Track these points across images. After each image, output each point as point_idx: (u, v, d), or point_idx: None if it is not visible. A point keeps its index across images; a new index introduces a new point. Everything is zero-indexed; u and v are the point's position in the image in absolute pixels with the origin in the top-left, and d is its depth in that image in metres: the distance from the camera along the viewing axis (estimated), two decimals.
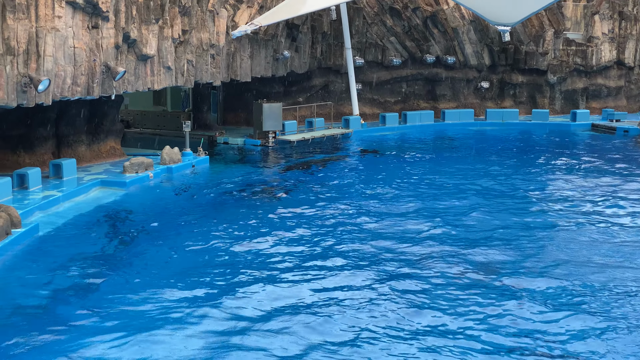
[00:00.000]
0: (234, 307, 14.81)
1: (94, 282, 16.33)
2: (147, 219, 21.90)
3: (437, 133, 39.15)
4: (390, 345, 12.97)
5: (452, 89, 43.08)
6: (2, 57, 21.28)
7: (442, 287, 15.89)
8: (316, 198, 24.34)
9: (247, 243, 19.17)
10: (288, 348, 12.89)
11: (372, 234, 20.09)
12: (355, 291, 15.68)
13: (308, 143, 34.94)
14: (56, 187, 23.77)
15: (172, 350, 12.77)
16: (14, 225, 18.78)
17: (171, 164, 28.07)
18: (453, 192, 25.16)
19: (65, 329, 13.74)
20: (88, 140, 28.18)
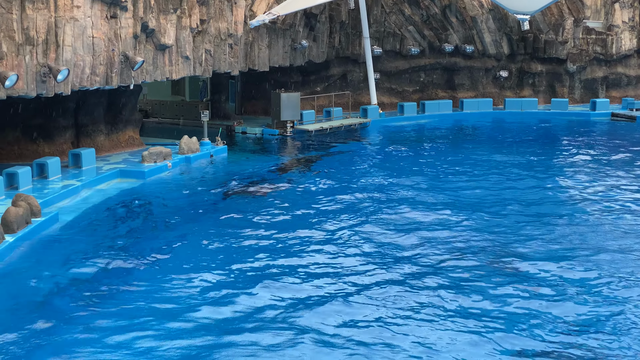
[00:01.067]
0: (268, 296, 14.84)
1: (111, 271, 16.43)
2: (165, 208, 21.98)
3: (455, 122, 38.98)
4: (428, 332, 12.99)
5: (470, 78, 42.86)
6: (22, 47, 21.40)
7: (480, 277, 15.85)
8: (335, 188, 24.33)
9: (268, 232, 19.20)
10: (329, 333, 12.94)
11: (397, 224, 20.06)
12: (391, 284, 15.69)
13: (326, 133, 34.91)
14: (75, 177, 23.91)
15: (192, 339, 12.83)
16: (33, 215, 18.91)
17: (189, 154, 28.15)
18: (475, 182, 25.07)
19: (82, 316, 13.83)
20: (107, 129, 28.30)
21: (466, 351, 12.32)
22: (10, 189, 21.52)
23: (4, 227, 17.44)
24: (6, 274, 15.99)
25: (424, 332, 13.10)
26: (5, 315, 13.78)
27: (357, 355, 12.22)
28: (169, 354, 12.25)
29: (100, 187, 23.75)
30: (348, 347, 12.53)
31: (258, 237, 18.77)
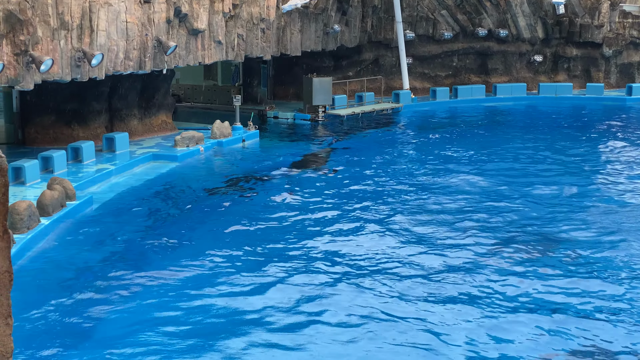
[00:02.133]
0: (302, 280, 14.92)
1: (145, 254, 16.59)
2: (197, 192, 22.12)
3: (488, 107, 38.66)
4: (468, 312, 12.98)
5: (504, 63, 42.47)
6: (57, 32, 21.59)
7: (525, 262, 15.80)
8: (366, 174, 24.31)
9: (299, 217, 19.26)
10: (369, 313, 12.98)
11: (431, 210, 20.02)
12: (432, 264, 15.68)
13: (358, 117, 34.85)
14: (109, 161, 24.13)
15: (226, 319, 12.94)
16: (68, 198, 19.13)
17: (221, 138, 28.26)
18: (508, 169, 24.91)
19: (117, 297, 14.00)
20: (140, 114, 28.50)
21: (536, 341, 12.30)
22: (46, 172, 21.78)
23: (40, 210, 17.67)
24: (41, 256, 16.21)
25: (477, 319, 13.08)
26: (38, 295, 13.99)
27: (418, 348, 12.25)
28: (197, 331, 12.39)
29: (134, 171, 23.95)
30: (405, 333, 12.56)
31: (288, 220, 18.83)
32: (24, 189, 20.13)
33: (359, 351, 11.86)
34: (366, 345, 12.06)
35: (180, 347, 12.01)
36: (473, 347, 11.96)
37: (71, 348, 12.08)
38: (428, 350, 11.88)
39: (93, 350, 11.99)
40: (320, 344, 12.14)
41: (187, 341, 12.23)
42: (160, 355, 11.75)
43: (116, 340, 12.26)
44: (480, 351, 11.85)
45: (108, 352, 11.86)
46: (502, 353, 11.77)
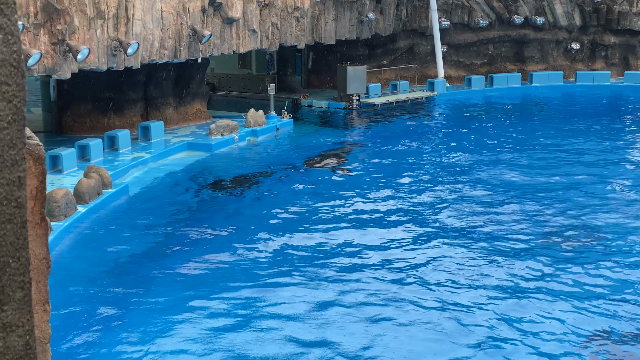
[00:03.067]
0: (339, 265, 14.94)
1: (182, 241, 16.71)
2: (232, 181, 22.19)
3: (524, 96, 38.26)
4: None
5: (540, 51, 42.00)
6: (93, 21, 21.76)
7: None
8: (400, 163, 24.23)
9: (332, 205, 19.26)
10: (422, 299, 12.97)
11: (470, 200, 19.92)
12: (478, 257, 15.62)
13: (392, 106, 34.71)
14: (145, 149, 24.31)
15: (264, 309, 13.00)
16: (105, 186, 19.31)
17: (256, 127, 28.32)
18: (546, 158, 24.66)
19: (151, 286, 14.13)
20: (175, 102, 28.66)
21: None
22: (83, 160, 22.01)
23: (77, 198, 17.87)
24: (78, 244, 16.39)
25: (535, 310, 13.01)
26: (75, 282, 14.16)
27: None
28: (233, 316, 12.47)
29: (169, 160, 24.11)
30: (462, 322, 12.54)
31: (324, 209, 18.84)
32: (61, 177, 20.36)
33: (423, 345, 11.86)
34: (421, 335, 12.05)
35: (212, 339, 12.10)
36: (522, 334, 11.90)
37: (105, 335, 12.22)
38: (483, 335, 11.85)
39: (125, 337, 12.11)
40: (390, 338, 12.15)
41: (220, 332, 12.31)
42: (196, 345, 11.84)
43: (147, 328, 12.37)
44: (531, 335, 11.79)
45: (137, 338, 11.97)
46: (551, 338, 11.71)
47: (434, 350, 11.56)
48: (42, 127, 26.81)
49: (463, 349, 11.56)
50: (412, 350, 11.59)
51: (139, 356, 11.42)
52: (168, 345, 11.74)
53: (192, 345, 11.77)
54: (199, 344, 11.79)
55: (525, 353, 11.45)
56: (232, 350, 11.57)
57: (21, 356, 1.93)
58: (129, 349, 11.68)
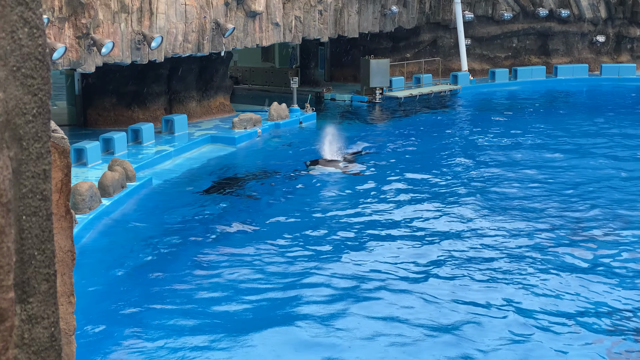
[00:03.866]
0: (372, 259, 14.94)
1: (204, 234, 16.77)
2: (255, 175, 22.22)
3: (548, 89, 37.94)
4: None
5: (565, 44, 41.63)
6: (117, 15, 21.86)
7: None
8: (424, 159, 24.14)
9: (360, 202, 19.25)
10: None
11: (494, 197, 19.82)
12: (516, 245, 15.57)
13: (415, 99, 34.58)
14: (168, 142, 24.41)
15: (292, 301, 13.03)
16: (128, 179, 19.41)
17: (279, 120, 28.34)
18: (571, 153, 24.48)
19: (175, 278, 14.20)
20: (198, 96, 28.74)
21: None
22: (107, 154, 22.14)
23: (101, 190, 17.98)
24: (102, 236, 16.49)
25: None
26: (99, 274, 14.26)
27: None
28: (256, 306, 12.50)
29: (192, 153, 24.19)
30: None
31: (347, 206, 18.83)
32: (86, 170, 20.50)
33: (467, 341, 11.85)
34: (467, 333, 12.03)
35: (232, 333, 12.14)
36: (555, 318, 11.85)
37: (128, 326, 12.29)
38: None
39: (145, 332, 12.16)
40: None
41: (242, 327, 12.35)
42: (215, 337, 11.89)
43: (167, 323, 12.42)
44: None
45: (156, 333, 12.01)
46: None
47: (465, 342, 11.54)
48: (66, 121, 27.00)
49: (490, 342, 11.53)
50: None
51: (158, 353, 11.44)
52: (187, 342, 11.71)
53: (214, 342, 11.81)
54: (220, 341, 11.84)
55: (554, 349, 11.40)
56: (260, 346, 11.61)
57: (46, 348, 1.94)
58: (148, 344, 11.73)
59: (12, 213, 1.84)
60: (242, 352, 11.38)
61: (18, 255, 1.86)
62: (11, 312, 1.84)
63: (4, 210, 1.81)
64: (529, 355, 11.19)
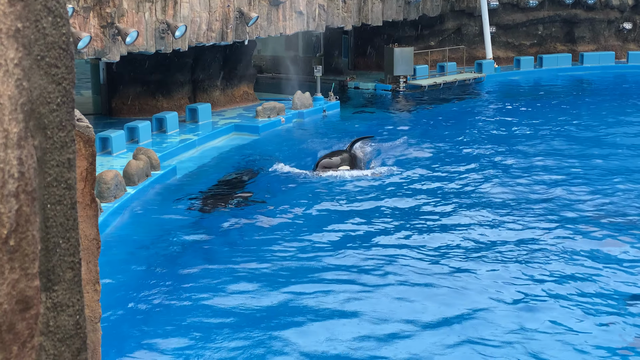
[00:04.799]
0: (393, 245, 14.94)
1: (230, 222, 16.83)
2: (279, 164, 22.22)
3: (574, 77, 37.57)
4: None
5: (591, 31, 41.20)
6: (141, 4, 21.93)
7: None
8: (449, 148, 24.04)
9: (383, 189, 19.23)
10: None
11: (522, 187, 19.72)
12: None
13: (439, 88, 34.42)
14: (192, 131, 24.49)
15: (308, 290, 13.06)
16: (153, 168, 19.52)
17: (302, 109, 28.33)
18: (598, 142, 24.27)
19: (198, 269, 14.27)
20: (222, 85, 28.79)
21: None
22: (131, 142, 22.26)
23: (126, 179, 18.09)
24: (127, 225, 16.60)
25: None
26: (123, 262, 14.37)
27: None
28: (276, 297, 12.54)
29: (216, 142, 24.26)
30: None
31: (374, 200, 18.81)
32: (111, 159, 20.63)
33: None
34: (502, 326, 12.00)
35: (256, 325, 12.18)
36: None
37: (151, 315, 12.37)
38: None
39: (172, 316, 12.24)
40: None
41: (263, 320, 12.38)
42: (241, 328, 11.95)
43: (191, 314, 12.48)
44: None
45: (180, 325, 12.06)
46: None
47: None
48: (91, 110, 27.17)
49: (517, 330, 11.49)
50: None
51: (178, 343, 11.44)
52: (209, 335, 11.72)
53: (239, 335, 11.87)
54: (244, 338, 11.88)
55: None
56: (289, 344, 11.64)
57: (71, 335, 1.96)
58: (169, 337, 11.77)
59: (37, 202, 1.85)
60: (268, 344, 11.43)
61: (43, 243, 1.88)
62: (36, 299, 1.86)
63: (29, 198, 1.82)
64: (553, 343, 11.15)
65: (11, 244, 1.77)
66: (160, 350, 11.26)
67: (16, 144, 1.78)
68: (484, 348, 11.07)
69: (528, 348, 11.01)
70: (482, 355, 10.86)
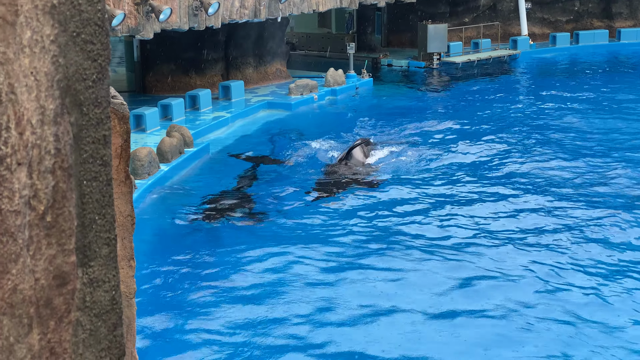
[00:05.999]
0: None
1: (262, 200, 16.87)
2: (313, 140, 22.19)
3: (611, 54, 36.97)
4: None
5: (629, 7, 40.48)
6: None
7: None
8: (483, 126, 23.86)
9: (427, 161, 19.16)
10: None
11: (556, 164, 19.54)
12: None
13: (473, 65, 34.10)
14: (225, 109, 24.54)
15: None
16: (186, 145, 19.60)
17: (335, 86, 28.25)
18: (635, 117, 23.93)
19: (230, 247, 14.34)
20: (255, 62, 28.78)
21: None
22: (165, 120, 22.37)
23: (159, 156, 18.19)
24: (161, 202, 16.70)
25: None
26: (157, 239, 14.49)
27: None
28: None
29: (249, 119, 24.30)
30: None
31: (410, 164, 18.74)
32: (145, 136, 20.76)
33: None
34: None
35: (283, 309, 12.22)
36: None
37: (181, 291, 12.45)
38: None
39: (202, 296, 12.31)
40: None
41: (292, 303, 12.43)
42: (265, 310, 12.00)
43: (220, 288, 12.56)
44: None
45: (207, 304, 12.10)
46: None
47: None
48: (126, 87, 27.32)
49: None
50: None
51: (195, 330, 11.42)
52: (239, 316, 11.67)
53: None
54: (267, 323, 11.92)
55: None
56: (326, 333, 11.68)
57: (107, 310, 1.97)
58: (200, 316, 11.86)
59: (73, 178, 1.86)
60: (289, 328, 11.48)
61: (79, 219, 1.89)
62: (73, 275, 1.87)
63: (66, 175, 1.83)
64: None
65: (48, 220, 1.78)
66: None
67: (52, 120, 1.79)
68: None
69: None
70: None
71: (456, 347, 10.51)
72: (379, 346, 10.52)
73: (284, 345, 10.67)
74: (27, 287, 1.73)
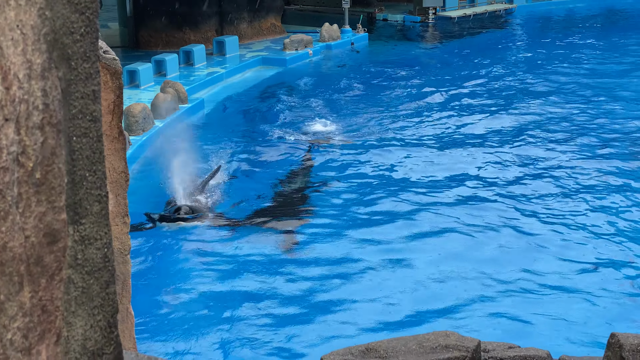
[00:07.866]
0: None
1: (255, 156, 16.84)
2: (307, 95, 22.12)
3: (609, 6, 36.65)
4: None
5: None
6: None
7: None
8: (479, 82, 23.76)
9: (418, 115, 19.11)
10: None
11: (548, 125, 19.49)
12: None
13: (469, 19, 33.84)
14: (219, 64, 24.37)
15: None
16: (181, 101, 19.50)
17: (330, 41, 28.05)
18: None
19: (223, 206, 14.35)
20: (249, 17, 28.52)
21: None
22: (159, 75, 22.20)
23: (154, 112, 18.10)
24: (155, 158, 16.63)
25: None
26: (151, 196, 14.47)
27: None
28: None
29: (244, 75, 24.14)
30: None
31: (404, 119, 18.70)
32: (139, 92, 20.62)
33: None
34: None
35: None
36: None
37: (179, 258, 12.46)
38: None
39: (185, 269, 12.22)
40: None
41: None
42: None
43: (220, 250, 12.56)
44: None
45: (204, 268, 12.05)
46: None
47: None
48: (119, 42, 27.08)
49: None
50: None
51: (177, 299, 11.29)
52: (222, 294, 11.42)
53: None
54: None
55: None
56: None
57: (99, 268, 1.95)
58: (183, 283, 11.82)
59: (62, 134, 1.82)
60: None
61: (69, 176, 1.86)
62: (64, 232, 1.85)
63: (55, 131, 1.79)
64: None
65: (37, 176, 1.75)
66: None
67: (40, 75, 1.75)
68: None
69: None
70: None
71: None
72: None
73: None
74: (17, 244, 1.71)
